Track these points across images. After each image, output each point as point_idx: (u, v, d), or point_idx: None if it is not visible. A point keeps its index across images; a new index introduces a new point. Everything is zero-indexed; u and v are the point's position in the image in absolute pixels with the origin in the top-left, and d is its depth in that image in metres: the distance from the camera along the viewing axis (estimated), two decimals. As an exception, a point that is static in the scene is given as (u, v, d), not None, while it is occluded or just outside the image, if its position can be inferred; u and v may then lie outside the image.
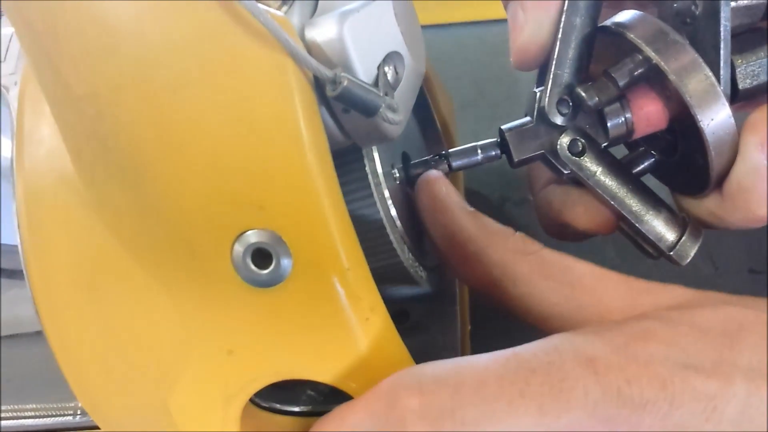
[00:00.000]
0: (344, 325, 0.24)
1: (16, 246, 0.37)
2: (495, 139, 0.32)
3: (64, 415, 0.30)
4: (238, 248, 0.23)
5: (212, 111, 0.22)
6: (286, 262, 0.23)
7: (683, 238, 0.31)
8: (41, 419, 0.30)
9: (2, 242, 0.39)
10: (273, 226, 0.23)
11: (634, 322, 0.26)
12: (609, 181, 0.31)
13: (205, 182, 0.23)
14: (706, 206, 0.31)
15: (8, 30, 0.27)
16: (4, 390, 0.31)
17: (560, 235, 0.35)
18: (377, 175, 0.29)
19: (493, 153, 0.32)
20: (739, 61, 0.29)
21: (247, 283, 0.24)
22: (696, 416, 0.24)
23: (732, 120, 0.28)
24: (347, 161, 0.29)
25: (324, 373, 0.25)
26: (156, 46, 0.22)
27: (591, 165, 0.31)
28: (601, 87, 0.30)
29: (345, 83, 0.24)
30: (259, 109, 0.23)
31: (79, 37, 0.22)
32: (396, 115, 0.26)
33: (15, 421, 0.30)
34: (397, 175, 0.32)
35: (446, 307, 0.39)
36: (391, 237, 0.29)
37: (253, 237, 0.23)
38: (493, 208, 0.48)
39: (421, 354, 0.27)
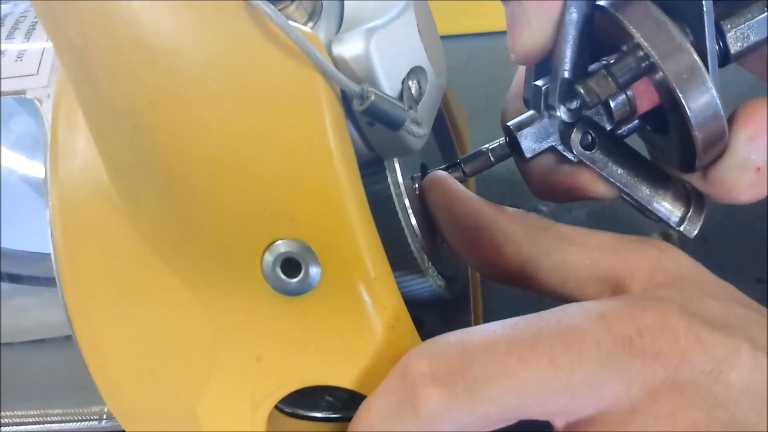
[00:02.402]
0: (370, 333, 0.25)
1: (32, 253, 0.37)
2: (503, 139, 0.33)
3: (89, 420, 0.31)
4: (268, 258, 0.24)
5: (245, 124, 0.23)
6: (314, 272, 0.24)
7: (689, 213, 0.31)
8: (67, 423, 0.31)
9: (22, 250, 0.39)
10: (302, 236, 0.24)
11: (648, 291, 0.27)
12: (620, 170, 0.31)
13: (238, 194, 0.23)
14: (689, 179, 0.31)
15: (41, 44, 0.28)
16: (30, 395, 0.32)
17: (551, 197, 0.34)
18: (399, 186, 0.30)
19: (504, 152, 0.33)
20: (729, 26, 0.29)
21: (276, 292, 0.24)
22: (705, 376, 0.24)
23: (717, 101, 0.28)
24: (370, 173, 0.30)
25: (350, 380, 0.25)
26: (192, 61, 0.22)
27: (603, 156, 0.31)
28: (601, 83, 0.29)
29: (372, 98, 0.24)
30: (289, 123, 0.23)
31: (117, 53, 0.22)
32: (420, 129, 0.26)
33: (42, 426, 0.31)
34: (417, 185, 0.33)
35: (460, 316, 0.39)
36: (412, 247, 0.30)
37: (282, 247, 0.24)
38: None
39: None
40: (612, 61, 0.29)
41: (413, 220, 0.31)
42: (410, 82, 0.27)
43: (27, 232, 0.34)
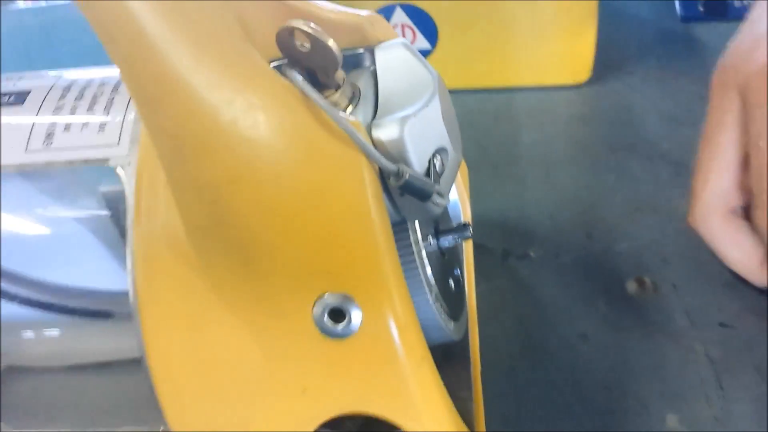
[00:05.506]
0: (400, 371, 0.30)
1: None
2: None
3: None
4: (318, 308, 0.29)
5: (304, 198, 0.28)
6: (356, 319, 0.29)
7: None
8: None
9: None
10: (347, 290, 0.29)
11: None
12: None
13: (295, 255, 0.28)
14: None
15: (120, 117, 0.33)
16: (96, 414, 0.37)
17: None
18: (418, 243, 0.35)
19: None
20: None
21: (323, 335, 0.29)
22: None
23: None
24: (395, 231, 0.35)
25: (380, 409, 0.30)
26: (263, 147, 0.27)
27: None
28: None
29: (407, 176, 0.29)
30: (339, 197, 0.29)
31: (203, 140, 0.27)
32: (443, 199, 0.31)
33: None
34: (431, 241, 0.38)
35: (459, 351, 0.44)
36: (428, 296, 0.35)
37: (330, 299, 0.29)
38: (496, 261, 0.54)
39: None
40: None
41: (429, 271, 0.36)
42: (435, 160, 0.32)
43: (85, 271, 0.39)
